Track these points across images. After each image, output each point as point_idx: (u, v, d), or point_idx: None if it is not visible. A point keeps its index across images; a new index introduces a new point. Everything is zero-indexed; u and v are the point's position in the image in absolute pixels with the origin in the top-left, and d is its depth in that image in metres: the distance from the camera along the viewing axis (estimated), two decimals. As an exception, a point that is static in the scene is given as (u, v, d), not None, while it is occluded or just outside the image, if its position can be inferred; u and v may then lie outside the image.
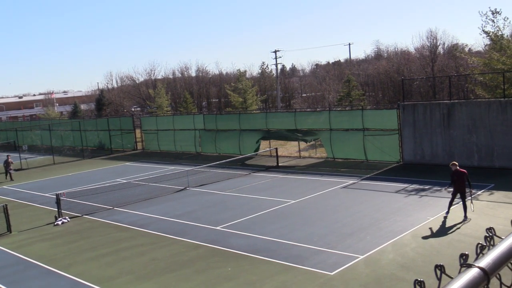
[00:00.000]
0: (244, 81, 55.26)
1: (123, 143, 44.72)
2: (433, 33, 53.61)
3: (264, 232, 16.40)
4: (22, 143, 50.92)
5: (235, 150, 34.52)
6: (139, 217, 19.84)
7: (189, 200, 22.34)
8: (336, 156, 29.59)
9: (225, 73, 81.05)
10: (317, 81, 65.55)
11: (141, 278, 13.33)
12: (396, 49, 67.09)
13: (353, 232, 15.67)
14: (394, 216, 16.97)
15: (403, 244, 14.17)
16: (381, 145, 27.57)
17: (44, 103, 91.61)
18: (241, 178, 26.64)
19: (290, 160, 31.13)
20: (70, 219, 20.32)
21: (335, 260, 13.35)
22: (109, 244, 16.60)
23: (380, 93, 57.39)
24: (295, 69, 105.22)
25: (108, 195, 23.97)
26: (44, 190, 27.47)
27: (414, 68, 51.83)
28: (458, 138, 24.53)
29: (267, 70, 77.04)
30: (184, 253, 15.02)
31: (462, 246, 13.60)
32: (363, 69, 61.99)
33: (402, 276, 12.01)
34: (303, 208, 19.28)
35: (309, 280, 12.22)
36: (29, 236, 18.52)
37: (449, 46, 54.75)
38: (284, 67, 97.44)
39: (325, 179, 24.40)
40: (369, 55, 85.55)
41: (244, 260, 14.02)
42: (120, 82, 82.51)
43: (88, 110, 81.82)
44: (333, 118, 29.87)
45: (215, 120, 37.22)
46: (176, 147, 39.65)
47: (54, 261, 15.31)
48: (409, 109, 26.35)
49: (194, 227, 17.74)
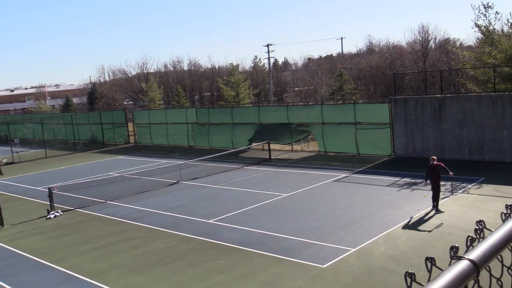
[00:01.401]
0: (237, 74, 55.16)
1: (116, 136, 44.57)
2: (424, 28, 53.78)
3: (257, 225, 16.47)
4: (14, 137, 50.59)
5: (228, 144, 34.52)
6: (131, 211, 19.85)
7: (182, 193, 22.36)
8: (328, 149, 29.69)
9: (218, 66, 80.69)
10: (309, 75, 65.54)
11: (134, 271, 13.37)
12: (388, 44, 67.15)
13: (345, 225, 15.77)
14: (385, 209, 17.09)
15: (395, 237, 14.30)
16: (373, 139, 27.69)
17: (36, 97, 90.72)
18: (234, 171, 26.68)
19: (282, 154, 31.20)
20: (62, 213, 20.28)
21: (327, 253, 13.45)
22: (102, 238, 16.60)
23: (372, 87, 57.52)
24: (288, 63, 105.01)
25: (101, 189, 23.92)
26: (36, 184, 27.35)
27: (406, 63, 51.97)
28: (449, 132, 24.70)
29: (259, 64, 76.82)
30: (177, 246, 15.06)
31: (452, 239, 13.72)
32: (355, 63, 62.03)
33: (393, 269, 12.13)
34: (295, 201, 19.36)
35: (302, 272, 12.31)
36: (22, 230, 18.48)
37: (441, 41, 54.91)
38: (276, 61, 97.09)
39: (317, 173, 24.50)
40: (361, 50, 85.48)
41: (236, 253, 14.09)
42: (112, 75, 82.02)
43: (80, 104, 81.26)
44: (325, 112, 29.94)
45: (207, 114, 37.17)
46: (169, 141, 39.58)
47: (46, 254, 15.31)
48: (401, 103, 26.48)
49: (186, 221, 17.78)
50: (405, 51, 56.18)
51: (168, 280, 12.62)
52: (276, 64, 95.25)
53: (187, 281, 12.52)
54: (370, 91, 56.65)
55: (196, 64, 77.38)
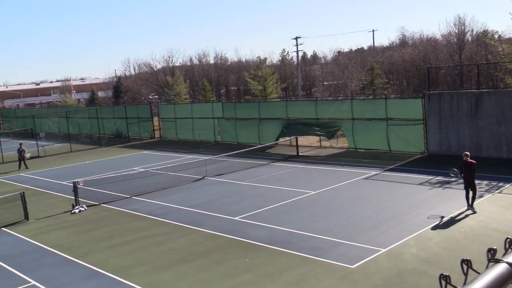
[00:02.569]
0: (264, 68, 54.70)
1: (141, 131, 44.68)
2: (461, 20, 52.34)
3: (283, 223, 16.06)
4: (40, 130, 51.35)
5: (255, 139, 34.15)
6: (156, 206, 19.67)
7: (207, 189, 22.10)
8: (358, 146, 29.02)
9: (245, 60, 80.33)
10: (339, 69, 64.60)
11: (158, 268, 13.15)
12: (422, 36, 65.81)
13: (374, 224, 15.23)
14: (417, 209, 16.46)
15: (427, 238, 13.72)
16: (405, 135, 26.91)
17: (61, 90, 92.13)
18: (260, 167, 26.29)
19: (310, 150, 30.66)
20: (87, 208, 20.24)
21: (356, 253, 12.98)
22: (126, 233, 16.44)
23: (404, 81, 56.41)
24: (317, 56, 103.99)
25: (126, 184, 23.83)
26: (61, 178, 27.50)
27: (441, 56, 50.67)
28: (486, 129, 23.75)
29: (287, 58, 76.18)
30: (202, 243, 14.78)
31: (489, 240, 13.06)
32: (387, 57, 60.89)
33: (425, 271, 11.61)
34: (323, 199, 18.87)
35: (329, 272, 11.90)
36: (46, 224, 18.49)
37: (478, 33, 53.27)
38: (305, 54, 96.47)
39: (347, 170, 23.90)
40: (393, 42, 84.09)
41: (262, 251, 13.73)
42: (138, 69, 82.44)
43: (105, 98, 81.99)
44: (356, 107, 29.25)
45: (234, 108, 36.84)
46: (194, 136, 39.44)
47: (71, 249, 15.22)
48: (435, 98, 25.61)
49: (212, 217, 17.49)
50: (440, 44, 54.84)
51: (192, 278, 12.35)
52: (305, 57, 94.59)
53: (212, 279, 12.22)
54: (402, 86, 55.55)
55: (222, 58, 77.13)
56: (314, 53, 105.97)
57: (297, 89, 67.33)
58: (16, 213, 19.22)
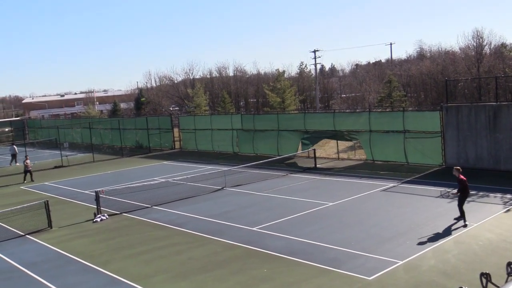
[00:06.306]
0: (283, 81, 54.97)
1: (161, 142, 45.27)
2: (479, 33, 51.94)
3: (301, 234, 16.18)
4: (64, 141, 52.24)
5: (273, 151, 34.36)
6: (176, 216, 19.95)
7: (226, 200, 22.33)
8: (376, 158, 29.03)
9: (263, 73, 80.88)
10: (357, 82, 64.61)
11: (177, 277, 13.36)
12: (440, 49, 65.43)
13: (392, 236, 15.27)
14: (435, 221, 16.45)
15: (445, 251, 13.70)
16: (422, 148, 26.86)
17: (85, 102, 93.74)
18: (279, 179, 26.46)
19: (328, 162, 30.74)
20: (108, 217, 20.63)
21: (373, 265, 13.02)
22: (147, 242, 16.73)
23: (422, 94, 56.07)
24: (335, 69, 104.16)
25: (146, 194, 24.22)
26: (83, 187, 28.04)
27: (459, 69, 50.31)
28: (505, 142, 23.62)
29: (305, 70, 76.50)
30: (220, 253, 14.97)
31: (508, 254, 13.01)
32: (405, 70, 60.68)
33: (443, 284, 11.59)
34: (341, 210, 18.95)
35: (346, 284, 11.96)
36: (69, 232, 18.90)
37: (496, 46, 52.86)
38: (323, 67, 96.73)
39: (364, 182, 23.94)
40: (411, 55, 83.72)
41: (280, 262, 13.86)
42: (159, 81, 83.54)
43: (127, 109, 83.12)
44: (373, 120, 29.30)
45: (253, 120, 37.17)
46: (214, 147, 39.82)
47: (92, 257, 15.54)
48: (453, 111, 25.56)
49: (230, 227, 17.69)
50: (458, 57, 54.44)
51: (210, 287, 12.51)
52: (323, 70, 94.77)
53: (230, 288, 12.38)
54: (420, 98, 55.23)
55: (241, 70, 77.74)
56: (332, 66, 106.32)
57: (315, 101, 67.42)
58: (40, 221, 19.73)
